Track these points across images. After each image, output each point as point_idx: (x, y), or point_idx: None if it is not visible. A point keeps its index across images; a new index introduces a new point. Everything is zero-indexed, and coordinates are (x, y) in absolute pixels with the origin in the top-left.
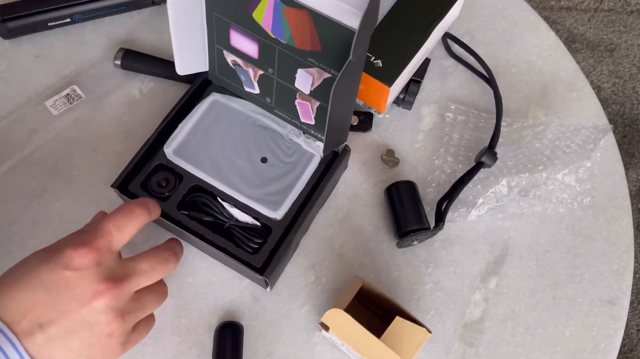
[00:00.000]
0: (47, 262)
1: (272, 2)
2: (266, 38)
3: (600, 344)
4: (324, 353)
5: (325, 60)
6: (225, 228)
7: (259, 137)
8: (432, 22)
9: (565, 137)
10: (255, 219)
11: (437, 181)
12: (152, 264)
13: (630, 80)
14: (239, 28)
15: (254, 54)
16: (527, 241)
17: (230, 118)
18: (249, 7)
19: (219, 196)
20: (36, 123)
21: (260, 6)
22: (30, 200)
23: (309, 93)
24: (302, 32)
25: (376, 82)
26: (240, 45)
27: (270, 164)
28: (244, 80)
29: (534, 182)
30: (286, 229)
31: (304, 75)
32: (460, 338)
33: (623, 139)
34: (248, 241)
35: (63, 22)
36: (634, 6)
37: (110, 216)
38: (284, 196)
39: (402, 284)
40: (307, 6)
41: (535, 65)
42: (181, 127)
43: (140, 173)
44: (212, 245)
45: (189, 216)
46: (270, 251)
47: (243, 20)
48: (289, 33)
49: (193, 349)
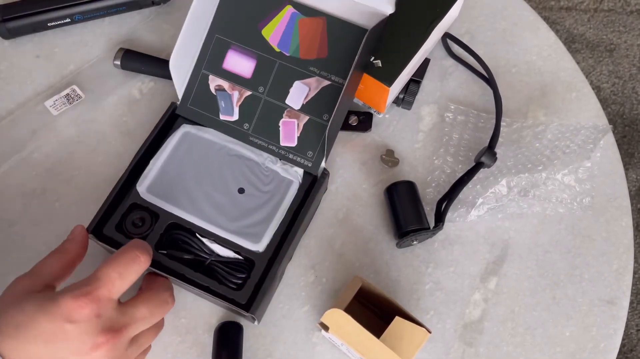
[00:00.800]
0: (46, 312)
1: (288, 15)
2: (268, 53)
3: (600, 344)
4: (324, 353)
5: (329, 67)
6: (207, 265)
7: (234, 166)
8: (431, 22)
9: (565, 137)
10: (237, 253)
11: (436, 182)
12: (151, 308)
13: (630, 80)
14: (240, 47)
15: (247, 74)
16: (526, 242)
17: (204, 149)
18: (260, 24)
19: (198, 232)
20: (36, 123)
21: (274, 21)
22: (30, 200)
23: (299, 108)
24: (311, 41)
25: (376, 82)
26: (235, 66)
27: (248, 194)
28: (222, 107)
29: (534, 182)
30: (269, 260)
31: (300, 88)
32: (460, 338)
33: (623, 139)
34: (231, 277)
35: (63, 22)
36: (634, 6)
37: (112, 262)
38: (265, 227)
39: (402, 284)
40: (325, 12)
41: (535, 65)
42: (153, 163)
43: (114, 215)
44: (194, 285)
45: (168, 256)
46: (255, 285)
47: (248, 38)
48: (296, 44)
49: (193, 349)
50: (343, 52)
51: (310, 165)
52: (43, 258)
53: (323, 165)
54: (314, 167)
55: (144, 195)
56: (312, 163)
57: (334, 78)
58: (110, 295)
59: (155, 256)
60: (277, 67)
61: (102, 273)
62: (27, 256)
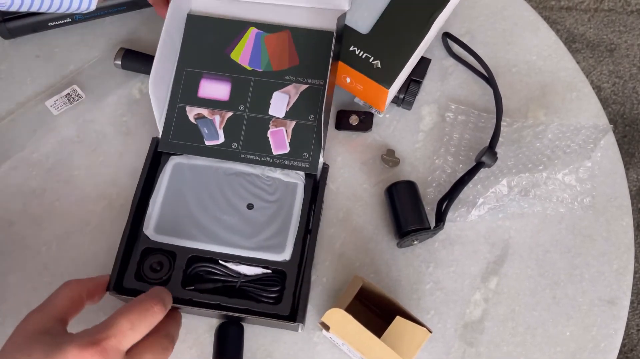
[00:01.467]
0: None
1: (253, 36)
2: (241, 73)
3: (601, 344)
4: (324, 353)
5: (303, 72)
6: (238, 288)
7: (235, 185)
8: (430, 15)
9: (566, 136)
10: (264, 268)
11: (437, 181)
12: (156, 355)
13: (630, 80)
14: (211, 74)
15: (224, 96)
16: (527, 241)
17: (199, 175)
18: (228, 49)
19: (220, 259)
20: (36, 123)
21: (240, 44)
22: (30, 200)
23: (283, 116)
24: (280, 54)
25: (375, 84)
26: (210, 92)
27: (258, 208)
28: (206, 133)
29: (534, 182)
30: (299, 266)
31: (280, 97)
32: (460, 338)
33: (623, 139)
34: (265, 293)
35: (63, 22)
36: (634, 6)
37: (126, 312)
38: (285, 235)
39: (402, 284)
40: (288, 25)
41: (535, 65)
42: (152, 203)
43: (130, 265)
44: (233, 311)
45: (197, 291)
46: (292, 293)
47: (218, 64)
48: (267, 59)
49: (193, 349)
50: (314, 56)
51: (308, 165)
52: (55, 290)
53: (321, 160)
54: (312, 166)
55: (154, 237)
56: (310, 163)
57: (311, 81)
58: (120, 346)
59: (184, 295)
60: (253, 83)
61: (114, 323)
62: (27, 256)
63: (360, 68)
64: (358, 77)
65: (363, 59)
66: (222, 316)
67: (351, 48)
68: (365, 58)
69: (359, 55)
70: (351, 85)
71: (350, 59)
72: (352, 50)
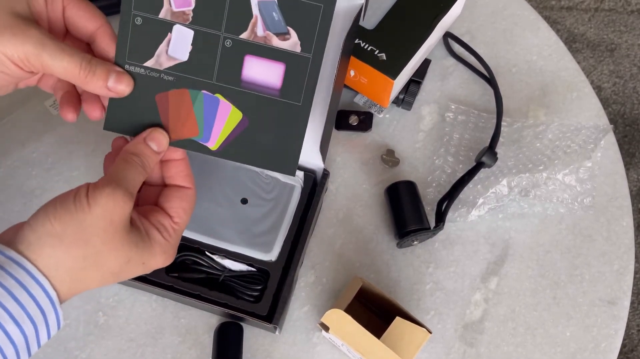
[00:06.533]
0: (135, 264)
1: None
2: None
3: (601, 345)
4: (324, 353)
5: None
6: (221, 281)
7: (233, 178)
8: (435, 17)
9: (566, 137)
10: (249, 265)
11: (437, 181)
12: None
13: (630, 80)
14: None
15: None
16: (527, 241)
17: (199, 165)
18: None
19: (207, 250)
20: (36, 123)
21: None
22: (30, 200)
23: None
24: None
25: (381, 75)
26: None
27: (252, 204)
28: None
29: (535, 182)
30: (284, 268)
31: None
32: (460, 338)
33: (623, 139)
34: (247, 290)
35: None
36: (635, 6)
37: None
38: (274, 235)
39: (402, 284)
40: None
41: (536, 65)
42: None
43: None
44: (211, 303)
45: (180, 279)
46: (273, 295)
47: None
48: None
49: (193, 349)
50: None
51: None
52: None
53: (322, 165)
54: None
55: None
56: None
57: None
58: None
59: (167, 281)
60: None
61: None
62: None
63: (365, 59)
64: (363, 68)
65: (368, 52)
66: (201, 306)
67: (356, 41)
68: (370, 50)
69: (364, 47)
70: (355, 79)
71: (356, 50)
72: (357, 43)
